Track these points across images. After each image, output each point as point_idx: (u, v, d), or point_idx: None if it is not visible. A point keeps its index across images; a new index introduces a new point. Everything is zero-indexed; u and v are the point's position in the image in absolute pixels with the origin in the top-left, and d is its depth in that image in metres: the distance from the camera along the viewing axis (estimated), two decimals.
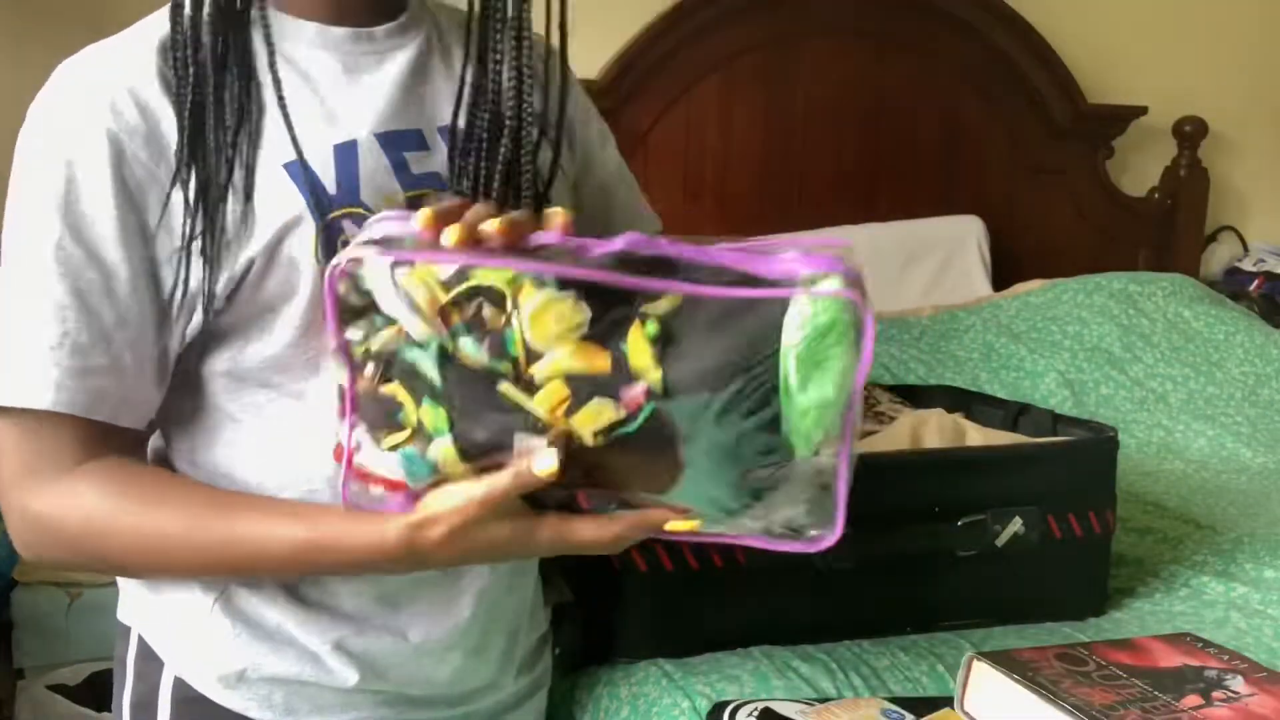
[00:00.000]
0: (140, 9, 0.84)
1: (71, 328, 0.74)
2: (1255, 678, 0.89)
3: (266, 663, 0.84)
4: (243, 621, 0.83)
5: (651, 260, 0.67)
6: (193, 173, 0.75)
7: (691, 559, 1.03)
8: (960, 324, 2.13)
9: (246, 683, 0.84)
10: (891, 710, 0.89)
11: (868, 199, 2.39)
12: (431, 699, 0.89)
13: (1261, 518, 1.49)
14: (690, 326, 0.65)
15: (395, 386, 0.69)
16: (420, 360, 0.68)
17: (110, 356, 0.76)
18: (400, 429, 0.69)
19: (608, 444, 0.67)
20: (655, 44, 2.20)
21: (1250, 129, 2.71)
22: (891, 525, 1.08)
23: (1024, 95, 2.44)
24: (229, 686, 0.84)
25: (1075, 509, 1.14)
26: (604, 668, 1.06)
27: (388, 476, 0.71)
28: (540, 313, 0.66)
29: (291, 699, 0.85)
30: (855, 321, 0.67)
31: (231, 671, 0.84)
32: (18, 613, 1.71)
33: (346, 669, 0.84)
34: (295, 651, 0.84)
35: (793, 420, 0.66)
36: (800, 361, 0.65)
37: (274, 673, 0.84)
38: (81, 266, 0.74)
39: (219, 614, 0.83)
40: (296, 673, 0.84)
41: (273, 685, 0.84)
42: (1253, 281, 2.60)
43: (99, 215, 0.74)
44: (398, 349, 0.68)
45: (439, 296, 0.66)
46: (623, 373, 0.66)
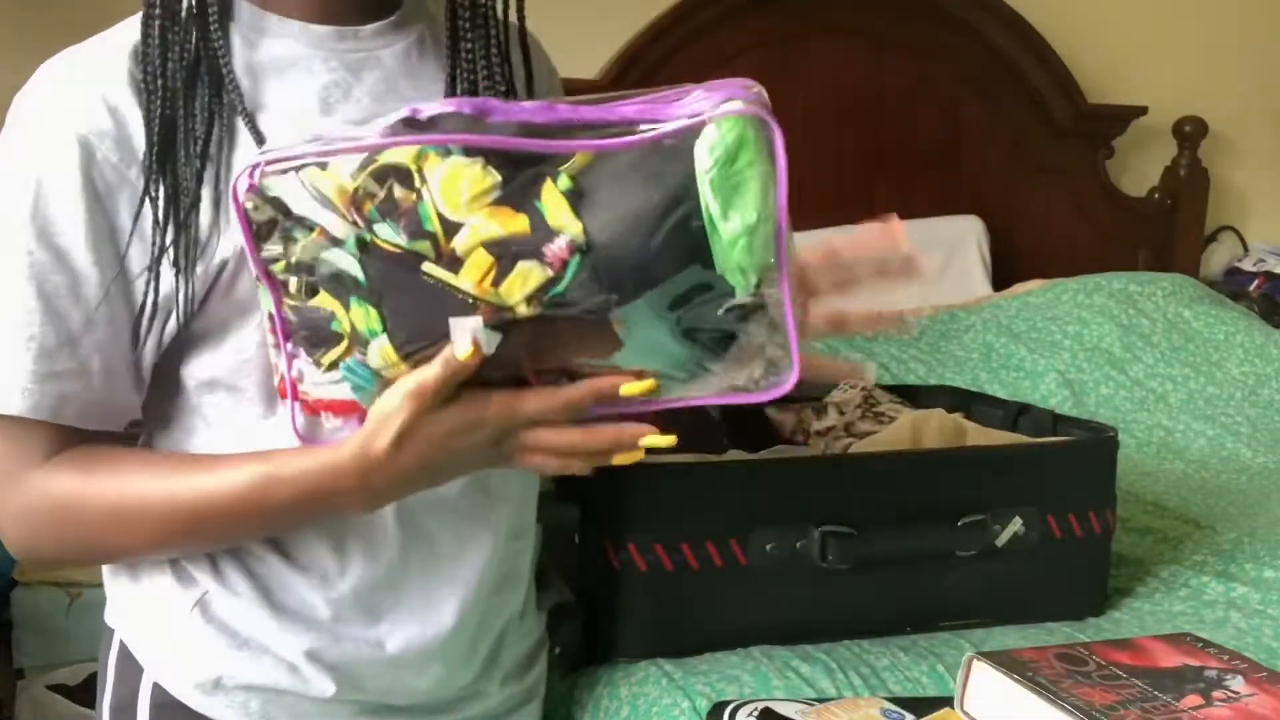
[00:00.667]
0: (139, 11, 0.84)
1: (37, 331, 0.74)
2: (1255, 678, 0.89)
3: (243, 671, 0.83)
4: (219, 628, 0.83)
5: (556, 126, 0.65)
6: (161, 186, 0.74)
7: (692, 559, 1.03)
8: (960, 324, 2.12)
9: (223, 690, 0.83)
10: (891, 710, 0.89)
11: (868, 199, 2.39)
12: (413, 708, 0.88)
13: (1261, 518, 1.49)
14: (605, 179, 0.64)
15: (322, 296, 0.67)
16: (340, 260, 0.66)
17: (77, 360, 0.75)
18: (336, 341, 0.68)
19: (543, 312, 0.65)
20: (655, 44, 2.20)
21: (1250, 129, 2.71)
22: (891, 525, 1.07)
23: (1024, 95, 2.44)
24: (206, 694, 0.83)
25: (1075, 509, 1.14)
26: (604, 668, 1.06)
27: (336, 398, 0.69)
28: (449, 181, 0.64)
29: (268, 707, 0.84)
30: (765, 138, 0.65)
31: (208, 679, 0.83)
32: (18, 613, 1.71)
33: (323, 679, 0.83)
34: (271, 660, 0.83)
35: (723, 254, 0.64)
36: (716, 187, 0.63)
37: (250, 681, 0.83)
38: (48, 270, 0.74)
39: (197, 620, 0.82)
40: (273, 681, 0.83)
41: (249, 693, 0.83)
42: (1253, 281, 2.60)
43: (67, 218, 0.74)
44: (317, 255, 0.66)
45: (347, 186, 0.65)
46: (542, 231, 0.64)
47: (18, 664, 1.72)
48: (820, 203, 2.36)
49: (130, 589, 0.86)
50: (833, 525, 1.05)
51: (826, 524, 1.05)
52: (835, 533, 1.05)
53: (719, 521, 1.04)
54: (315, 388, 0.69)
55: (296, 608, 0.83)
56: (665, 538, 1.02)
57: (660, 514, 1.03)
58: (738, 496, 1.05)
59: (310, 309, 0.68)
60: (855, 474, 1.10)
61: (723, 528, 1.04)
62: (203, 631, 0.82)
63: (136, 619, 0.86)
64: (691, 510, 1.04)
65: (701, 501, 1.04)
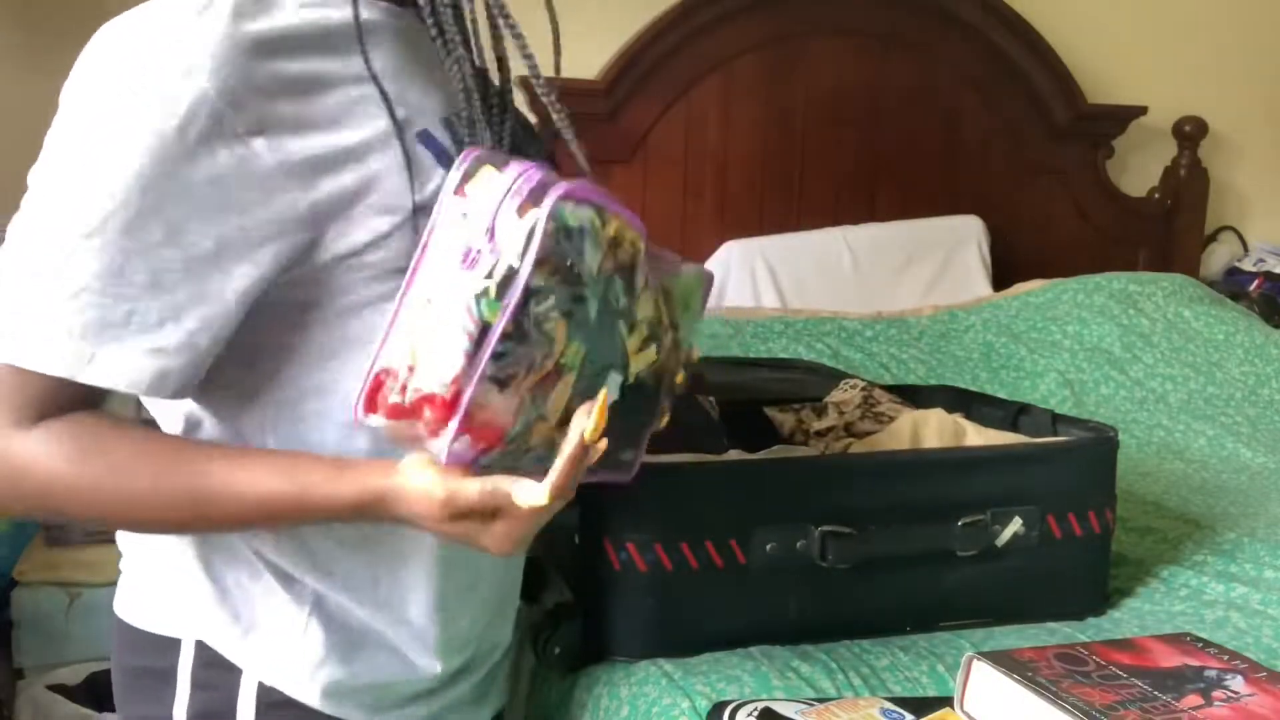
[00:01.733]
0: None
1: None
2: (1255, 678, 0.89)
3: (361, 670, 0.85)
4: (337, 630, 0.84)
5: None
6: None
7: (692, 558, 1.03)
8: (960, 324, 2.13)
9: (340, 689, 0.85)
10: (891, 710, 0.89)
11: (868, 199, 2.39)
12: (467, 665, 0.93)
13: (1261, 518, 1.49)
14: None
15: (558, 326, 0.70)
16: (587, 299, 0.71)
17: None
18: (534, 372, 0.70)
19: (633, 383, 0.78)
20: (655, 44, 2.20)
21: (1250, 129, 2.71)
22: (891, 525, 1.08)
23: (1024, 95, 2.44)
24: (326, 695, 0.85)
25: (1075, 509, 1.14)
26: (604, 667, 1.06)
27: (495, 424, 0.70)
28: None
29: (381, 697, 0.87)
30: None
31: (328, 680, 0.85)
32: (18, 613, 1.71)
33: (432, 663, 0.87)
34: (385, 653, 0.86)
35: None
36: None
37: (369, 679, 0.86)
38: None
39: (314, 625, 0.84)
40: (388, 674, 0.86)
41: (366, 690, 0.86)
42: (1253, 281, 2.60)
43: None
44: (577, 289, 0.70)
45: (608, 237, 0.71)
46: (664, 323, 0.77)
47: (18, 664, 1.72)
48: (821, 203, 2.37)
49: (220, 595, 0.85)
50: (833, 525, 1.05)
51: (826, 524, 1.05)
52: (835, 532, 1.05)
53: (719, 521, 1.04)
54: (481, 410, 0.69)
55: (398, 604, 0.85)
56: (665, 537, 1.02)
57: (660, 514, 1.03)
58: (738, 496, 1.05)
59: (536, 336, 0.69)
60: (855, 474, 1.10)
61: (723, 527, 1.04)
62: (321, 636, 0.84)
63: (234, 625, 0.85)
64: (691, 510, 1.04)
65: (701, 501, 1.04)
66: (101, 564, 1.74)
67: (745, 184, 2.32)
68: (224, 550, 0.84)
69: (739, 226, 2.30)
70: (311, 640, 0.84)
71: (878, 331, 2.08)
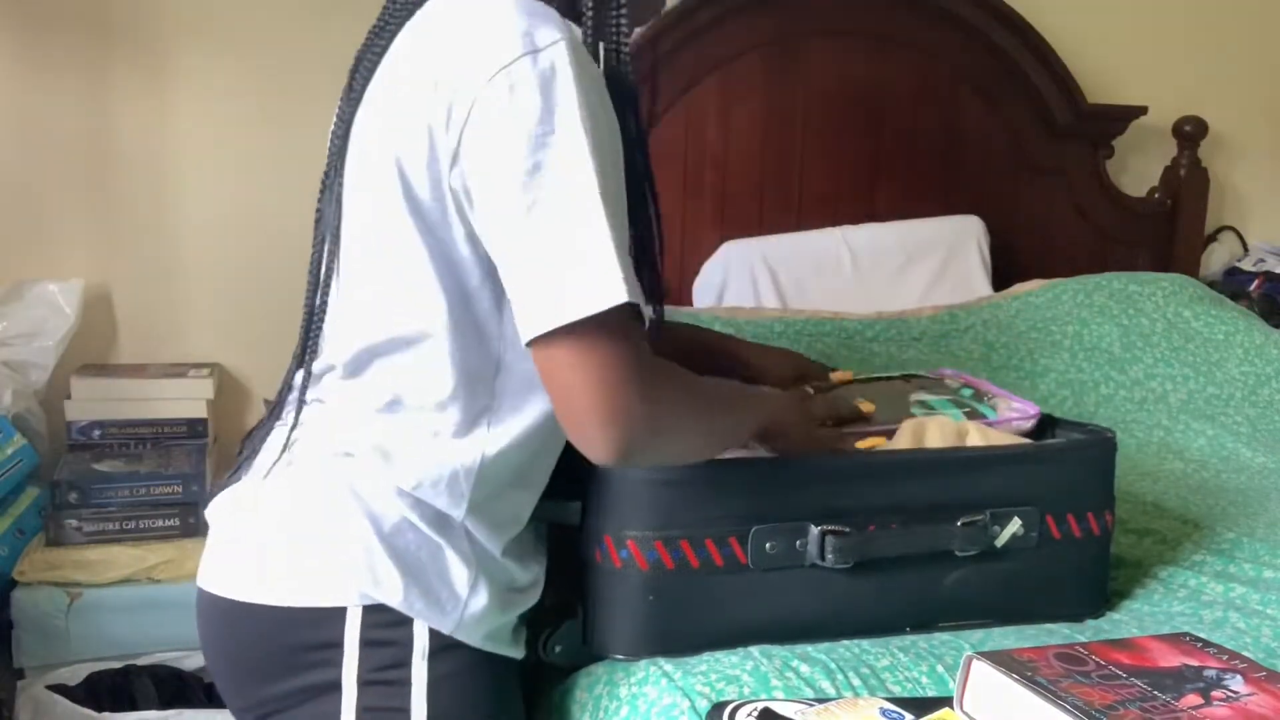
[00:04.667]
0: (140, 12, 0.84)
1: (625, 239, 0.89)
2: (1255, 677, 0.89)
3: (513, 614, 1.03)
4: (498, 584, 1.00)
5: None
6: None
7: (692, 557, 1.03)
8: (960, 324, 2.12)
9: (499, 632, 1.02)
10: (890, 710, 0.89)
11: (868, 199, 2.39)
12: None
13: (1261, 518, 1.49)
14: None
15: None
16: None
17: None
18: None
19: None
20: (655, 44, 2.20)
21: (1250, 129, 2.71)
22: (891, 525, 1.08)
23: (1024, 95, 2.44)
24: (489, 638, 1.00)
25: (1074, 510, 1.14)
26: (604, 667, 1.06)
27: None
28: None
29: (518, 633, 1.05)
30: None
31: (491, 626, 1.00)
32: (18, 613, 1.71)
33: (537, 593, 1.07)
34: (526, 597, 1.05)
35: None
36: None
37: (517, 620, 1.05)
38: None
39: (481, 582, 0.99)
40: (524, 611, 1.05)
41: (516, 628, 1.05)
42: (1253, 281, 2.60)
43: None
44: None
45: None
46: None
47: (18, 664, 1.72)
48: (821, 203, 2.36)
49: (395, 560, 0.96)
50: (833, 524, 1.05)
51: (827, 523, 1.05)
52: (835, 531, 1.05)
53: (720, 520, 1.04)
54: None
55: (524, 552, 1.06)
56: (666, 535, 1.03)
57: (661, 512, 1.03)
58: (739, 495, 1.05)
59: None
60: (855, 474, 1.10)
61: (724, 526, 1.04)
62: (484, 588, 0.99)
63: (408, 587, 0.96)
64: (693, 508, 1.04)
65: (703, 500, 1.04)
66: (101, 564, 1.74)
67: (745, 184, 2.32)
68: (396, 516, 0.97)
69: (739, 226, 2.30)
70: (479, 594, 0.98)
71: (878, 332, 2.08)
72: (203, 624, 1.04)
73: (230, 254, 2.12)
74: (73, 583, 1.72)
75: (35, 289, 1.98)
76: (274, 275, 2.04)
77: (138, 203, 2.09)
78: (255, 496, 1.02)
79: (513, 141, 0.86)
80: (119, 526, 1.78)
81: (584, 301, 0.85)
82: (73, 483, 1.78)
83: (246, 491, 1.03)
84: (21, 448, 1.83)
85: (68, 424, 1.96)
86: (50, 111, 2.00)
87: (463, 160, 0.89)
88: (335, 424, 1.01)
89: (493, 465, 0.98)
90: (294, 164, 1.07)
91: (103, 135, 2.03)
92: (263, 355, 2.11)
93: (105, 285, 2.09)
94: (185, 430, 1.99)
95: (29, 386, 1.94)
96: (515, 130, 0.86)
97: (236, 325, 2.13)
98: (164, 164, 2.09)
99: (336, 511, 0.97)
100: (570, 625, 1.07)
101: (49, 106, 1.99)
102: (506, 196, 0.87)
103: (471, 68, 0.88)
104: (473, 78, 0.88)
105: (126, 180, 2.07)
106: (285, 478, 1.01)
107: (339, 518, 0.97)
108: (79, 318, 1.98)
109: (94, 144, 2.04)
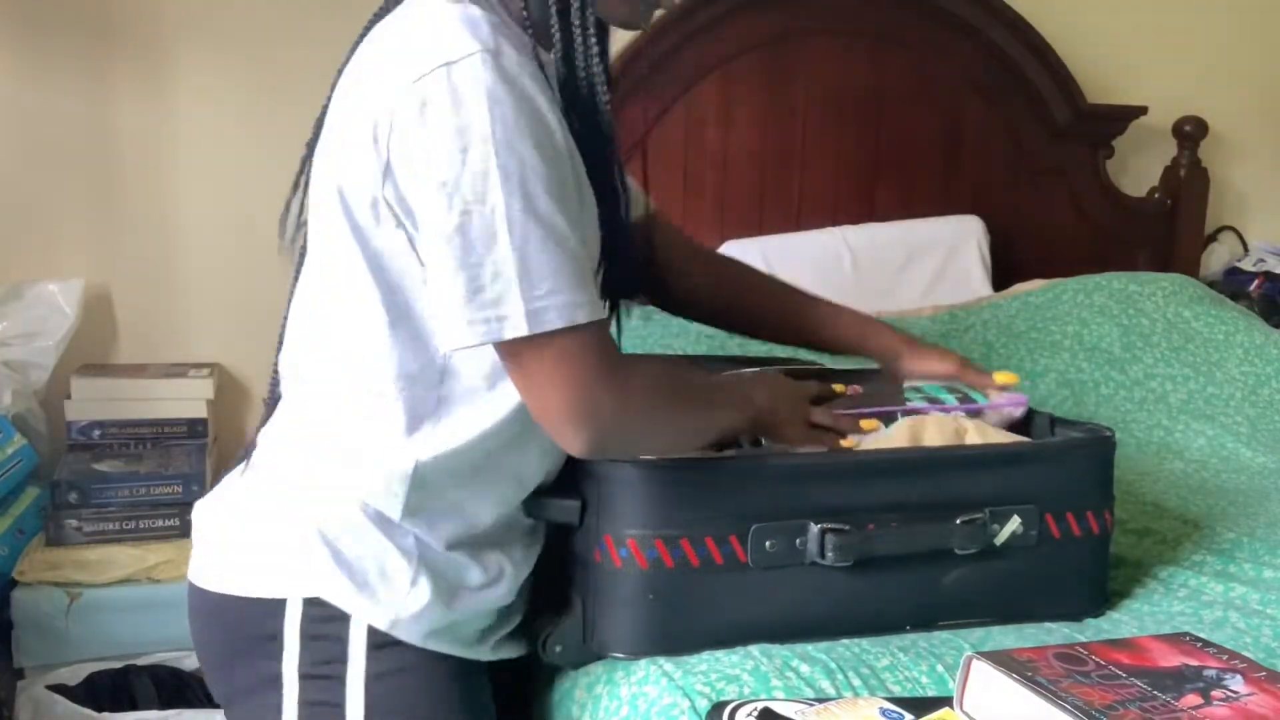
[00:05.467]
0: (140, 12, 0.84)
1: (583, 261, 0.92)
2: (1255, 677, 0.89)
3: (460, 613, 1.01)
4: (441, 580, 0.99)
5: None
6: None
7: (692, 555, 1.03)
8: (960, 324, 2.12)
9: (440, 629, 1.00)
10: (890, 710, 0.89)
11: (868, 199, 2.39)
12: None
13: (1261, 518, 1.49)
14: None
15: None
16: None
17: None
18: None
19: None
20: (655, 44, 2.20)
21: (1250, 129, 2.71)
22: (891, 523, 1.08)
23: (1024, 95, 2.44)
24: (429, 635, 0.99)
25: (1074, 509, 1.14)
26: (604, 667, 1.06)
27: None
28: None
29: (474, 633, 1.04)
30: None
31: (432, 623, 0.99)
32: (18, 613, 1.71)
33: (505, 595, 1.05)
34: (479, 596, 1.02)
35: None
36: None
37: (465, 619, 1.02)
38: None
39: (423, 578, 0.99)
40: (481, 614, 1.03)
41: (464, 626, 1.02)
42: (1253, 281, 2.60)
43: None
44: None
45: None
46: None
47: (18, 664, 1.72)
48: (820, 202, 2.36)
49: (334, 555, 0.98)
50: (832, 523, 1.05)
51: (826, 521, 1.05)
52: (834, 529, 1.05)
53: (720, 518, 1.04)
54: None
55: (484, 550, 1.04)
56: (666, 534, 1.03)
57: (662, 510, 1.03)
58: (739, 493, 1.05)
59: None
60: (856, 472, 1.10)
61: (724, 524, 1.04)
62: (426, 584, 0.98)
63: (342, 578, 0.97)
64: (693, 507, 1.04)
65: (703, 498, 1.04)
66: (101, 564, 1.74)
67: (745, 184, 2.32)
68: (338, 514, 0.98)
69: (739, 226, 2.30)
70: (420, 590, 0.98)
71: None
72: (189, 615, 1.08)
73: (230, 254, 2.12)
74: (73, 583, 1.72)
75: (35, 289, 1.98)
76: (274, 275, 2.04)
77: (138, 203, 2.09)
78: (223, 491, 1.07)
79: (433, 157, 0.87)
80: (119, 526, 1.78)
81: (522, 320, 0.88)
82: (73, 483, 1.78)
83: (224, 487, 1.08)
84: (21, 448, 1.83)
85: (68, 424, 1.96)
86: (50, 111, 2.00)
87: (394, 173, 0.91)
88: (289, 422, 1.04)
89: (435, 466, 0.99)
90: (294, 164, 1.07)
91: (103, 135, 2.04)
92: (263, 355, 2.08)
93: (105, 285, 2.09)
94: (185, 430, 1.99)
95: (29, 386, 1.94)
96: (433, 145, 0.87)
97: (236, 325, 2.14)
98: (164, 164, 2.09)
99: (281, 506, 1.00)
100: (570, 625, 1.07)
101: (49, 106, 1.99)
102: (434, 211, 0.88)
103: (391, 80, 0.90)
104: (391, 91, 0.89)
105: (126, 180, 2.07)
106: (247, 472, 1.05)
107: (283, 513, 1.00)
108: (79, 318, 1.99)
109: (94, 144, 2.04)
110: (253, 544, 1.01)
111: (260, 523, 1.01)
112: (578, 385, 0.91)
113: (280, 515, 1.00)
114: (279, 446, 1.04)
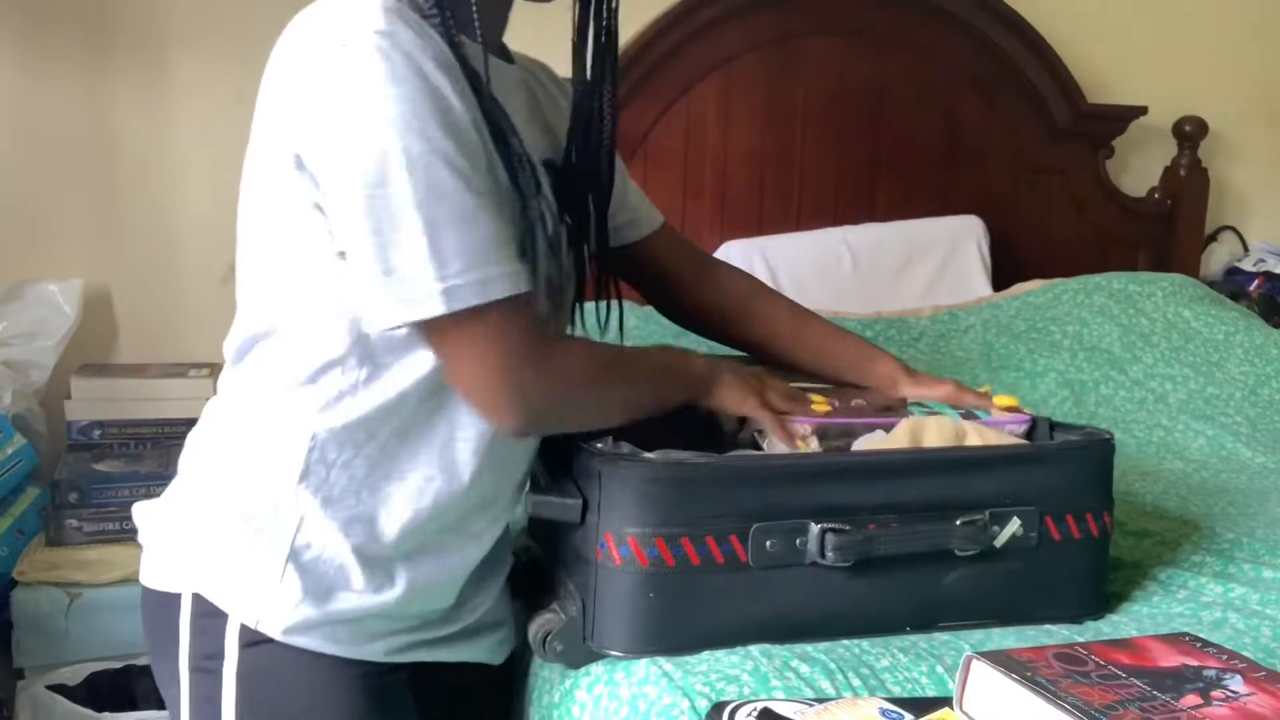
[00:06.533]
0: (140, 12, 0.84)
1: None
2: (1254, 677, 0.89)
3: (334, 609, 0.97)
4: (312, 574, 0.96)
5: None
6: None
7: (693, 554, 1.03)
8: (960, 324, 2.12)
9: (311, 625, 0.97)
10: (890, 710, 0.89)
11: (868, 199, 2.39)
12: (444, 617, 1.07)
13: (1261, 518, 1.49)
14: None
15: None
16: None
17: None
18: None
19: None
20: (655, 44, 2.20)
21: (1250, 129, 2.71)
22: (891, 524, 1.08)
23: (1024, 95, 2.44)
24: (300, 631, 0.97)
25: (1073, 511, 1.14)
26: (604, 666, 1.06)
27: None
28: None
29: (354, 632, 0.99)
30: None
31: (302, 618, 0.96)
32: (18, 613, 1.71)
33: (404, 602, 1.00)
34: (356, 594, 0.98)
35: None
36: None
37: (340, 616, 0.98)
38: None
39: (290, 571, 0.96)
40: (358, 611, 0.98)
41: (339, 624, 0.98)
42: (1253, 281, 2.61)
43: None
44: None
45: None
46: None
47: (18, 664, 1.72)
48: (820, 202, 2.37)
49: (211, 549, 0.99)
50: (833, 522, 1.05)
51: (826, 521, 1.05)
52: (835, 529, 1.05)
53: (721, 517, 1.04)
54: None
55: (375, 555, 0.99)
56: (667, 533, 1.03)
57: (662, 509, 1.03)
58: (740, 492, 1.05)
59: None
60: (856, 473, 1.10)
61: (725, 523, 1.04)
62: (297, 582, 0.96)
63: (221, 574, 0.98)
64: (693, 505, 1.04)
65: (703, 497, 1.04)
66: (101, 564, 1.74)
67: (745, 184, 2.32)
68: (215, 507, 0.99)
69: (739, 226, 2.30)
70: (289, 585, 0.96)
71: (877, 332, 2.08)
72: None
73: (230, 254, 2.11)
74: (73, 583, 1.72)
75: (35, 289, 1.98)
76: None
77: (138, 203, 2.09)
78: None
79: (335, 142, 0.88)
80: (119, 526, 1.78)
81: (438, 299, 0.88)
82: (73, 483, 1.78)
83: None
84: (21, 448, 1.83)
85: (68, 424, 1.96)
86: (50, 111, 2.00)
87: (302, 159, 0.91)
88: (209, 414, 1.09)
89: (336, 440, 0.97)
90: None
91: (103, 135, 2.04)
92: None
93: (105, 285, 2.10)
94: (185, 430, 1.97)
95: (29, 386, 1.94)
96: (334, 130, 0.88)
97: None
98: (164, 164, 2.09)
99: (182, 499, 1.04)
100: (570, 624, 1.07)
101: (49, 106, 2.00)
102: (343, 196, 0.89)
103: (292, 67, 0.91)
104: (293, 78, 0.91)
105: (126, 180, 2.07)
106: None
107: (183, 506, 1.03)
108: (79, 318, 1.99)
109: (94, 144, 2.04)
110: (162, 538, 1.04)
111: (167, 519, 1.04)
112: (502, 360, 0.91)
113: (178, 507, 1.04)
114: (190, 441, 1.08)
